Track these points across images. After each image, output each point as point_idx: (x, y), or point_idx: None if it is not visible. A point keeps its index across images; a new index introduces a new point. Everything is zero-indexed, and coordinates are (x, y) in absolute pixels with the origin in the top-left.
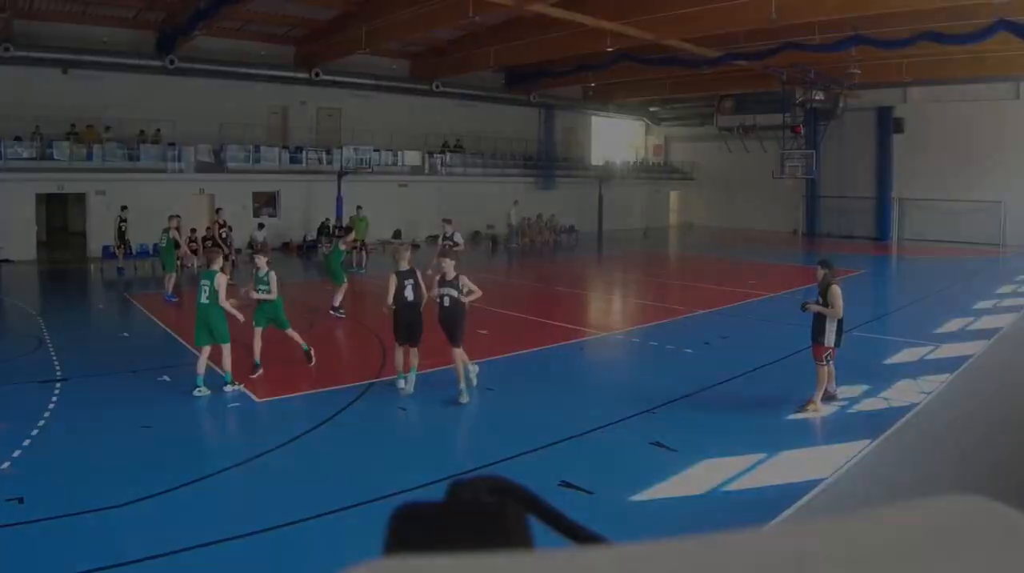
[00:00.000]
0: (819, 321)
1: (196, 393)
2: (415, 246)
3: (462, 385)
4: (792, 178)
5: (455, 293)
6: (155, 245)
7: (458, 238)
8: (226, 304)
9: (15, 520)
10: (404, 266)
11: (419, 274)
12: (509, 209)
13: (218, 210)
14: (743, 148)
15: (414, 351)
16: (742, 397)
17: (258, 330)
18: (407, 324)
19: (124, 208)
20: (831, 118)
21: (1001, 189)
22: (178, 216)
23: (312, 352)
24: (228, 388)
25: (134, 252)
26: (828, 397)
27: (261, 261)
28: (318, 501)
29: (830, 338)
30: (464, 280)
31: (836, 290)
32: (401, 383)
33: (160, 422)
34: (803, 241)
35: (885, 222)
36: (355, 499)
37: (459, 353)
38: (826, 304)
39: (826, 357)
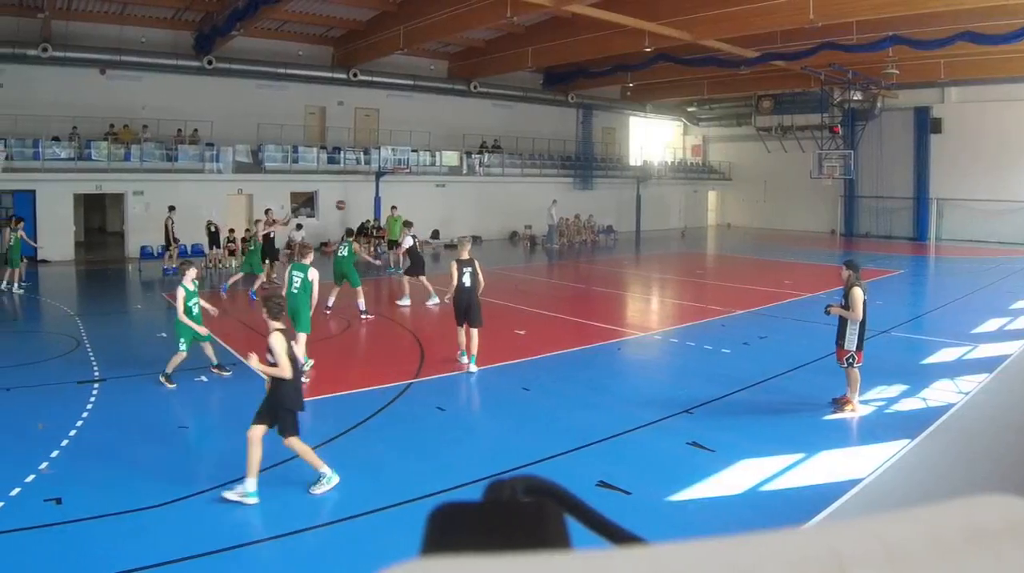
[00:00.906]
0: (842, 324)
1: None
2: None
3: (322, 481)
4: (830, 178)
5: (270, 360)
6: (195, 246)
7: (408, 242)
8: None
9: (53, 520)
10: (464, 255)
11: (477, 263)
12: (549, 208)
13: (267, 210)
14: (781, 148)
15: (474, 333)
16: (780, 397)
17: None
18: (466, 307)
19: (172, 208)
20: (869, 118)
21: None
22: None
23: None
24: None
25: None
26: (843, 402)
27: (191, 273)
28: (355, 501)
29: (851, 342)
30: (273, 340)
31: (857, 293)
32: (464, 359)
33: (197, 423)
34: (841, 241)
35: (923, 222)
36: (392, 499)
37: (295, 443)
38: (847, 306)
39: (848, 360)
